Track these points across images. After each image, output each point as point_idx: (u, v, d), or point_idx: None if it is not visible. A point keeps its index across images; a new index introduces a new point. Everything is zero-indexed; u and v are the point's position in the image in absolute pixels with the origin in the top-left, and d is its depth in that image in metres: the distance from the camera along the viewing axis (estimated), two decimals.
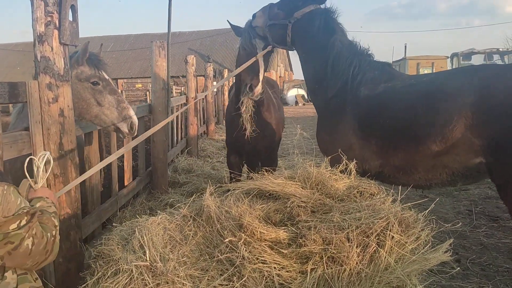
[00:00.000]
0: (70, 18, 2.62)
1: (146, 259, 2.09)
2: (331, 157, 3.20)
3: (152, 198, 5.23)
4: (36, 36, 2.48)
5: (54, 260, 2.17)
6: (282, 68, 42.88)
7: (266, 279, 2.05)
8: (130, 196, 4.76)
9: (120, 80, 37.51)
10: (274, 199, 2.63)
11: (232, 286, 2.04)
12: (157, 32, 40.45)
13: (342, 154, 3.04)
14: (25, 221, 1.60)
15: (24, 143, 2.47)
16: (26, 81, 2.46)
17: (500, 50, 24.23)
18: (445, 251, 2.19)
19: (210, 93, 10.24)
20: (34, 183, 2.06)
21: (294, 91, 31.90)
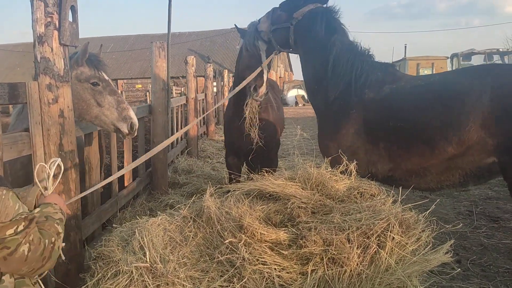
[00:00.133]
0: (70, 19, 2.61)
1: (146, 261, 2.09)
2: (332, 158, 3.19)
3: (152, 199, 5.23)
4: (36, 37, 2.48)
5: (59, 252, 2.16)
6: (282, 68, 42.90)
7: (267, 280, 2.04)
8: (130, 197, 4.75)
9: (120, 80, 37.51)
10: (275, 200, 2.62)
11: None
12: (157, 32, 40.47)
13: (342, 155, 3.03)
14: (22, 226, 1.58)
15: (24, 144, 2.46)
16: (26, 82, 2.46)
17: (500, 50, 24.21)
18: (445, 252, 2.19)
19: (226, 101, 10.31)
20: (44, 190, 2.05)
21: (294, 92, 31.92)
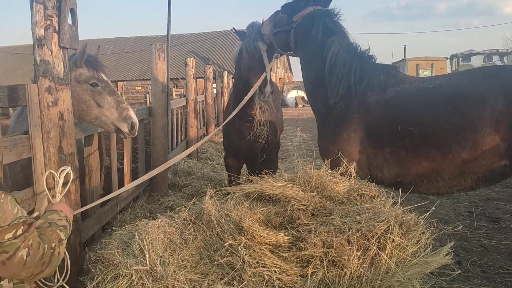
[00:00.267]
0: (70, 22, 2.61)
1: (146, 263, 2.08)
2: (331, 160, 3.18)
3: (152, 200, 5.22)
4: (35, 39, 2.48)
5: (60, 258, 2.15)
6: (281, 70, 42.93)
7: (267, 283, 2.04)
8: (130, 199, 4.75)
9: (120, 82, 37.56)
10: (274, 202, 2.62)
11: None
12: (156, 34, 40.62)
13: (342, 157, 3.02)
14: (21, 230, 1.56)
15: (23, 147, 2.46)
16: (26, 84, 2.46)
17: (499, 51, 24.25)
18: (446, 254, 2.19)
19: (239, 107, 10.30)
20: (52, 198, 2.05)
21: (294, 93, 31.95)
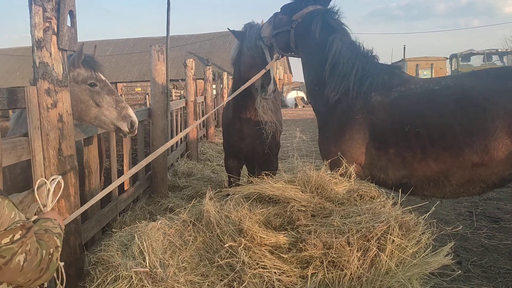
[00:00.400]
0: (69, 24, 2.61)
1: (145, 265, 2.08)
2: (331, 161, 3.16)
3: (152, 202, 5.22)
4: (34, 41, 2.48)
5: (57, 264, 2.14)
6: (281, 70, 42.95)
7: (267, 284, 2.03)
8: (130, 200, 4.75)
9: (119, 84, 37.56)
10: (274, 203, 2.61)
11: None
12: (156, 36, 40.63)
13: (341, 157, 3.01)
14: (19, 235, 1.53)
15: (23, 149, 2.46)
16: (25, 86, 2.46)
17: (499, 50, 24.27)
18: (446, 254, 2.18)
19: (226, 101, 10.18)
20: (43, 206, 2.04)
21: (294, 94, 31.99)
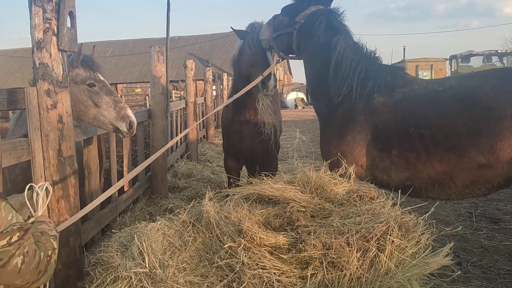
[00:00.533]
0: (68, 25, 2.62)
1: (145, 266, 2.08)
2: (331, 161, 3.16)
3: (152, 203, 5.23)
4: (34, 42, 2.48)
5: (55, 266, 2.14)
6: (281, 71, 42.95)
7: (266, 285, 2.03)
8: (129, 201, 4.75)
9: (119, 85, 37.60)
10: (274, 204, 2.62)
11: None
12: (156, 37, 40.68)
13: (341, 158, 3.01)
14: (16, 237, 1.51)
15: (23, 150, 2.46)
16: (25, 87, 2.46)
17: (499, 51, 24.29)
18: (445, 255, 2.18)
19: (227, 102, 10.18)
20: (34, 212, 2.03)
21: (294, 95, 32.01)
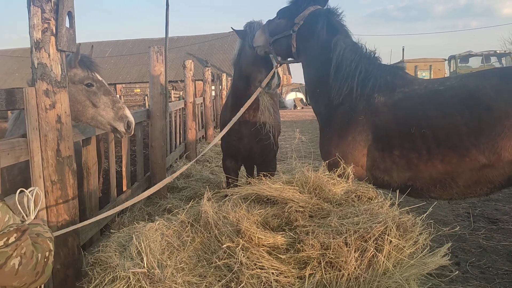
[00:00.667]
0: (67, 25, 2.62)
1: (143, 266, 2.08)
2: (331, 162, 3.15)
3: (150, 203, 5.23)
4: (33, 42, 2.48)
5: (52, 266, 2.14)
6: (280, 72, 42.95)
7: (264, 285, 2.04)
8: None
9: (118, 85, 37.60)
10: (272, 204, 2.62)
11: None
12: (155, 37, 40.67)
13: (340, 158, 3.01)
14: (14, 238, 1.51)
15: (21, 150, 2.46)
16: (23, 88, 2.46)
17: (497, 52, 24.31)
18: (443, 255, 2.19)
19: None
20: (27, 216, 2.02)
21: (293, 95, 32.01)
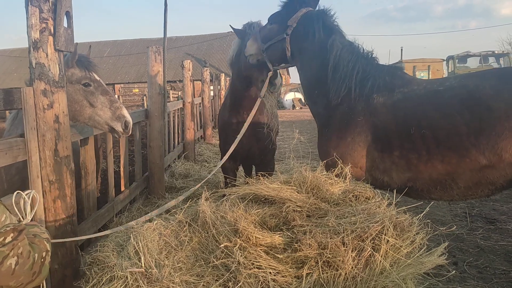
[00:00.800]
0: (65, 25, 2.62)
1: (141, 266, 2.09)
2: (330, 163, 3.14)
3: (149, 203, 5.23)
4: (31, 42, 2.49)
5: (50, 267, 2.14)
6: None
7: (262, 284, 2.04)
8: (126, 201, 4.75)
9: (117, 85, 37.53)
10: (270, 204, 2.62)
11: None
12: (153, 37, 40.64)
13: (337, 158, 3.01)
14: (10, 238, 1.50)
15: (19, 150, 2.46)
16: (21, 87, 2.46)
17: (495, 52, 24.38)
18: (440, 254, 2.19)
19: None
20: (23, 218, 2.02)
21: (291, 95, 32.03)
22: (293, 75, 50.85)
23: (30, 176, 2.53)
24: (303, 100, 30.52)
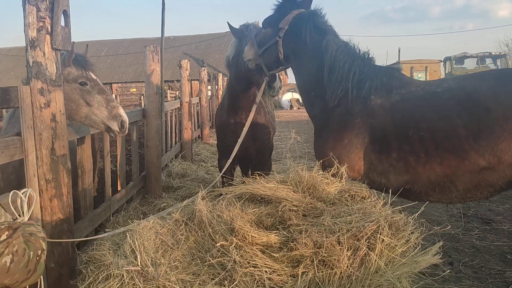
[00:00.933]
0: (62, 23, 2.62)
1: (137, 264, 2.09)
2: (326, 164, 3.14)
3: (145, 203, 5.23)
4: (28, 41, 2.49)
5: (46, 265, 2.14)
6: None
7: (257, 283, 2.05)
8: (123, 201, 4.75)
9: (114, 84, 37.45)
10: (266, 203, 2.63)
11: None
12: (151, 36, 40.57)
13: (333, 158, 3.02)
14: (5, 236, 1.51)
15: (16, 148, 2.46)
16: (18, 86, 2.47)
17: (492, 53, 24.46)
18: (435, 254, 2.21)
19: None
20: (20, 217, 2.02)
21: (289, 95, 32.03)
22: (291, 75, 50.90)
23: (26, 174, 2.53)
24: (301, 100, 30.55)
